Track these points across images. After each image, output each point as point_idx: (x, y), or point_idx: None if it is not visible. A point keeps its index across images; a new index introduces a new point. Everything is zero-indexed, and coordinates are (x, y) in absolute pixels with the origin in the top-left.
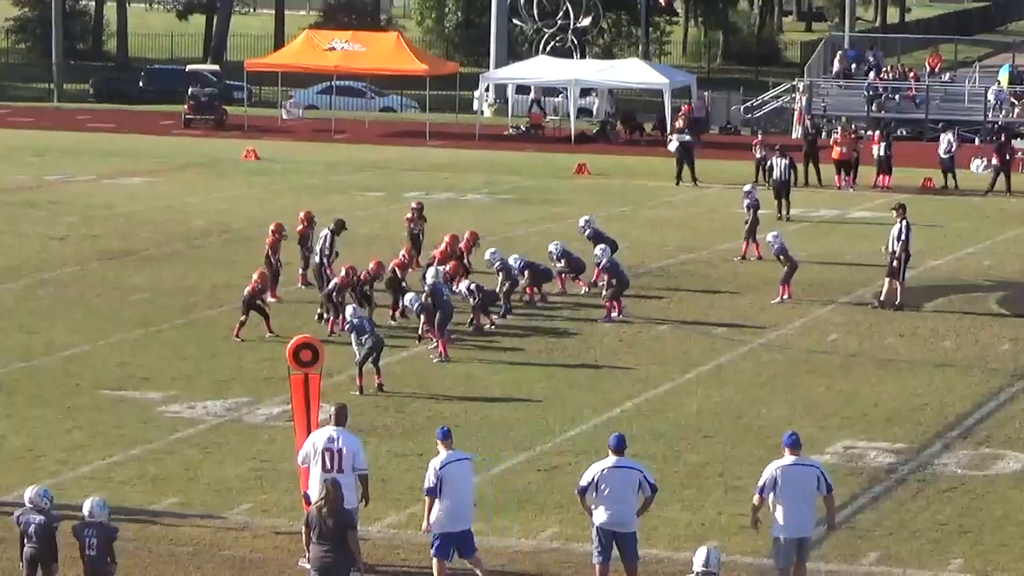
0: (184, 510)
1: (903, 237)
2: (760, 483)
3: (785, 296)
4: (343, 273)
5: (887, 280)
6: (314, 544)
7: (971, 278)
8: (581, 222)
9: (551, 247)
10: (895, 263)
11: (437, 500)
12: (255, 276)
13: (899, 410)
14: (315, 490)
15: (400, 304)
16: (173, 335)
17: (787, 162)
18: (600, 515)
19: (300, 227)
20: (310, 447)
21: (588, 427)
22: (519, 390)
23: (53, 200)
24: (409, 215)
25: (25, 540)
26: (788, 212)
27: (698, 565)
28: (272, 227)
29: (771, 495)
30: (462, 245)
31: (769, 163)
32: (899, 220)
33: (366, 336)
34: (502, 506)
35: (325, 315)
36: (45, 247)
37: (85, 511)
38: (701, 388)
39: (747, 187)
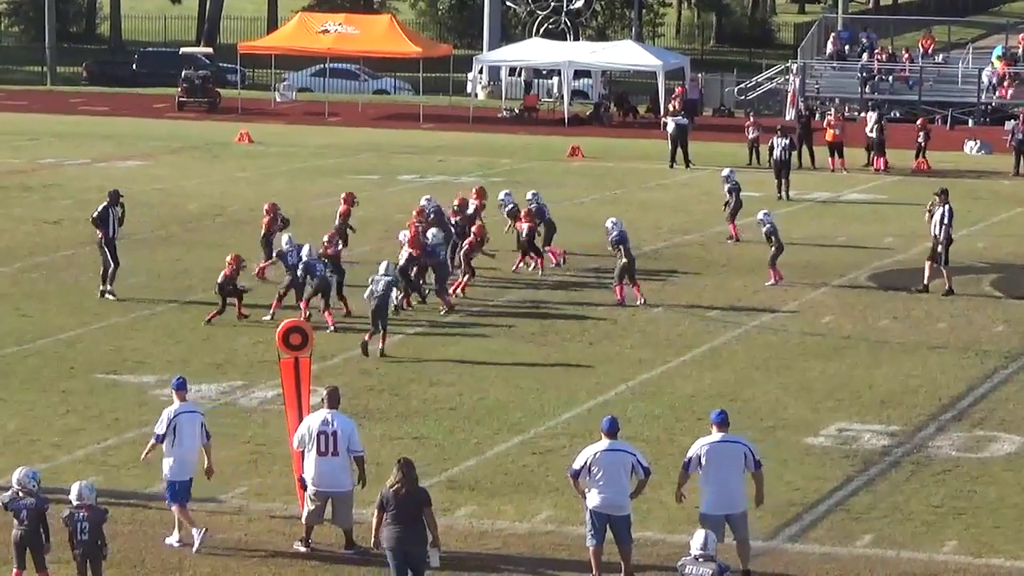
0: None
1: (946, 222)
2: (685, 459)
3: (778, 279)
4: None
5: (928, 265)
6: (389, 525)
7: (965, 260)
8: (529, 195)
9: (529, 195)
10: (938, 248)
11: (169, 448)
12: (228, 259)
13: (893, 392)
14: (310, 473)
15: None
16: (167, 318)
17: (787, 142)
18: (593, 498)
19: (266, 219)
20: (305, 430)
21: (582, 410)
22: (513, 373)
23: (47, 184)
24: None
25: (16, 523)
26: (788, 192)
27: (696, 548)
28: (266, 207)
29: (698, 471)
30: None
31: (769, 143)
32: (942, 205)
33: (315, 278)
34: (497, 489)
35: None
36: (39, 230)
37: (73, 495)
38: (695, 371)
39: (725, 171)
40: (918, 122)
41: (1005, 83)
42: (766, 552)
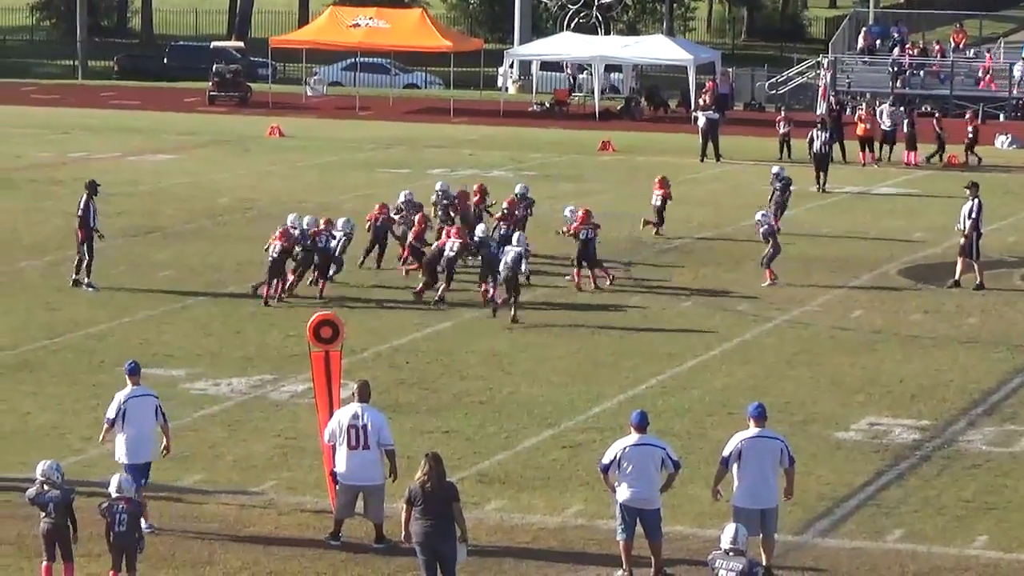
0: (209, 487)
1: (975, 215)
2: (724, 454)
3: (772, 279)
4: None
5: (960, 260)
6: (417, 519)
7: (996, 254)
8: (439, 185)
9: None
10: (964, 241)
11: (120, 432)
12: (277, 233)
13: (924, 387)
14: (341, 467)
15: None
16: (197, 312)
17: (827, 136)
18: (623, 492)
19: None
20: (336, 424)
21: (613, 404)
22: (544, 367)
23: (77, 177)
24: (477, 197)
25: (43, 516)
26: (825, 185)
27: (726, 542)
28: (376, 209)
29: (735, 466)
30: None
31: (809, 136)
32: (971, 198)
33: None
34: (527, 483)
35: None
36: (69, 224)
37: (113, 487)
38: (726, 365)
39: (775, 168)
40: (966, 116)
41: (988, 76)
42: (796, 546)
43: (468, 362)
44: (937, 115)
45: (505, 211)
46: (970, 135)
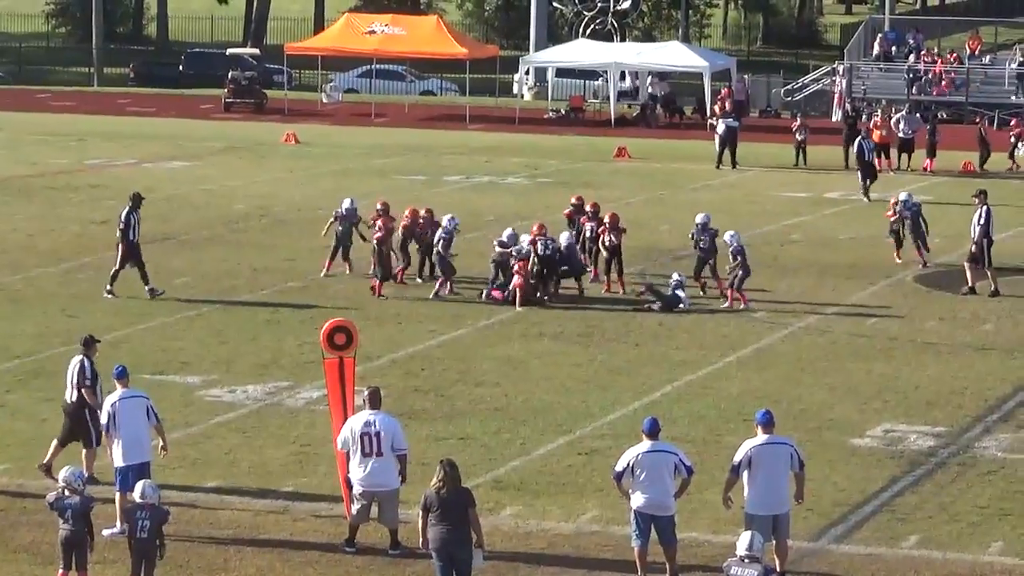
0: (224, 494)
1: (983, 222)
2: (734, 462)
3: (744, 302)
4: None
5: (968, 267)
6: (433, 526)
7: (1012, 261)
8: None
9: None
10: (975, 248)
11: (114, 436)
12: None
13: (939, 393)
14: (356, 475)
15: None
16: (213, 319)
17: (874, 144)
18: (637, 499)
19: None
20: (348, 432)
21: (628, 411)
22: (559, 373)
23: (94, 184)
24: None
25: (61, 522)
26: (868, 192)
27: (742, 549)
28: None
29: (745, 474)
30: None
31: (858, 145)
32: (980, 206)
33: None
34: (542, 489)
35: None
36: (86, 231)
37: (136, 494)
38: (741, 371)
39: (903, 195)
40: (1011, 123)
41: (943, 82)
42: (812, 553)
43: (483, 369)
44: (979, 121)
45: (590, 212)
46: (1013, 140)
